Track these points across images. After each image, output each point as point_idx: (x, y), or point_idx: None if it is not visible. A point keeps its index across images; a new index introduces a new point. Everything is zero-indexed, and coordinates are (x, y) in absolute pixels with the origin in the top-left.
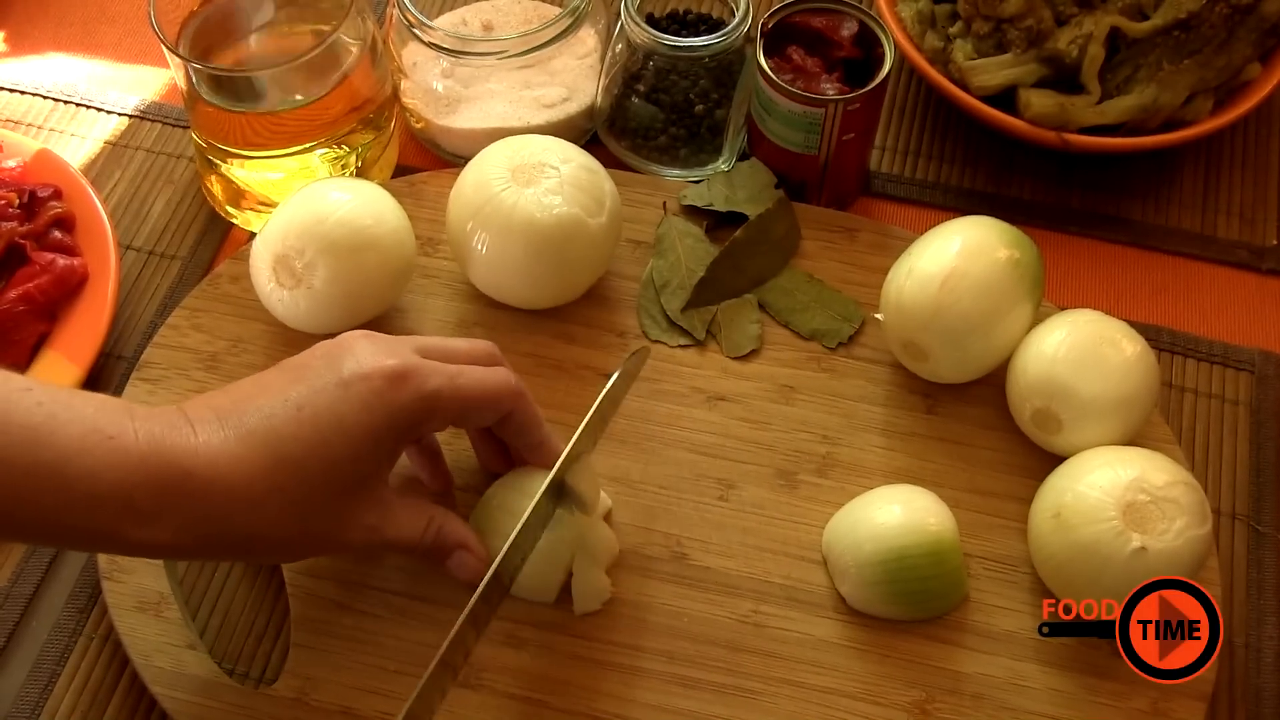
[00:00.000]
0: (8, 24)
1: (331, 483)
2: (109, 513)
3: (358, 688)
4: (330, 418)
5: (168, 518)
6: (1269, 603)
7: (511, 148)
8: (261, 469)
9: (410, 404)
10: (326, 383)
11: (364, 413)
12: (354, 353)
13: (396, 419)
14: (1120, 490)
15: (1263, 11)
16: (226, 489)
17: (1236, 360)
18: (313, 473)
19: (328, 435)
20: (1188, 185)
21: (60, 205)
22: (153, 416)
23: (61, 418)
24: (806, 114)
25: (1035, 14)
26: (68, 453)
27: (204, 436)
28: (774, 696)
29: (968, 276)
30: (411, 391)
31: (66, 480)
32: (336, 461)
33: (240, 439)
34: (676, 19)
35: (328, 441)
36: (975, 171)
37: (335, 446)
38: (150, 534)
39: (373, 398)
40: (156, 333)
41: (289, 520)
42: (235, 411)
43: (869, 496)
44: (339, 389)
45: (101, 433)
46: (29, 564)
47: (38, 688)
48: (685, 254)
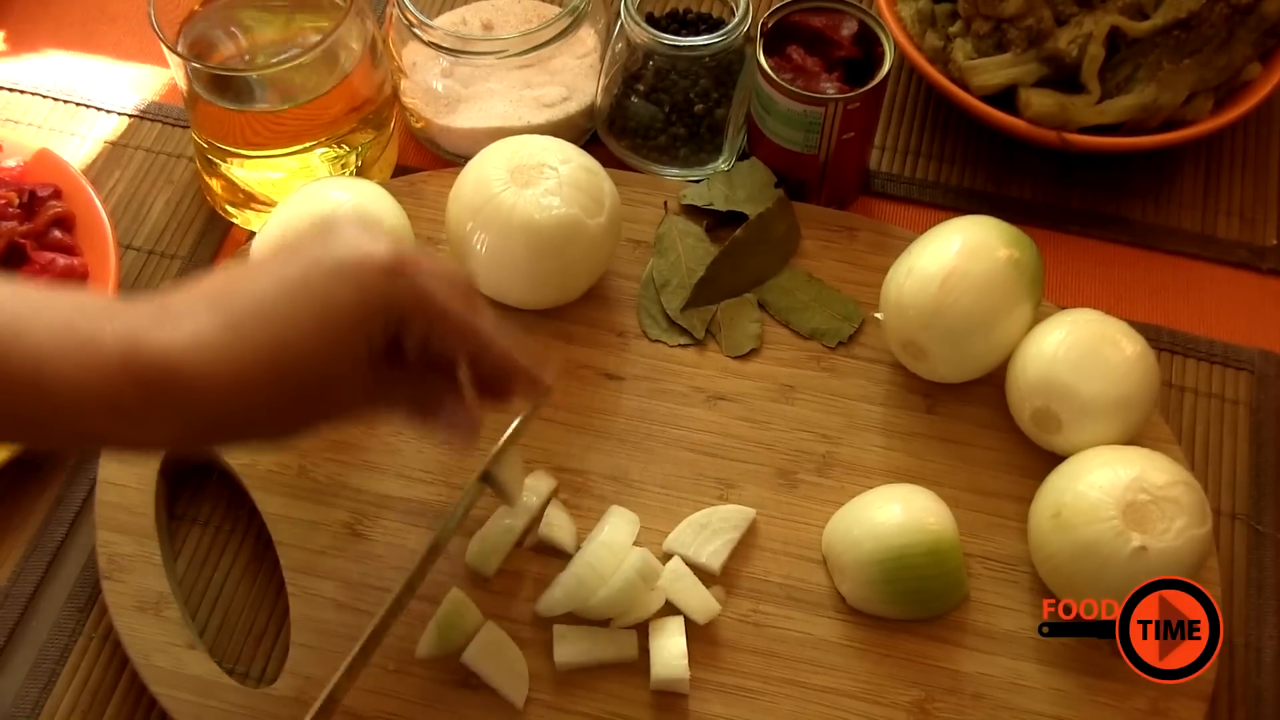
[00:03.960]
0: (8, 24)
1: (328, 364)
2: (95, 416)
3: (357, 688)
4: (324, 299)
5: (158, 417)
6: (1269, 603)
7: (511, 148)
8: (254, 357)
9: (403, 293)
10: (320, 264)
11: (358, 293)
12: (345, 235)
13: (390, 305)
14: (1120, 490)
15: (1263, 11)
16: (218, 383)
17: (1236, 360)
18: (308, 356)
19: (321, 317)
20: (1188, 185)
21: (60, 205)
22: (132, 312)
23: (29, 321)
24: (806, 113)
25: (1035, 14)
26: (39, 357)
27: (190, 328)
28: (774, 696)
29: (968, 276)
30: (406, 283)
31: (43, 386)
32: (332, 343)
33: (231, 326)
34: (676, 18)
35: (322, 323)
36: (975, 171)
37: (330, 329)
38: (143, 433)
39: (368, 280)
40: None
41: (287, 406)
42: (225, 295)
43: (868, 496)
44: (334, 272)
45: (77, 334)
46: (29, 564)
47: (38, 687)
48: (685, 253)
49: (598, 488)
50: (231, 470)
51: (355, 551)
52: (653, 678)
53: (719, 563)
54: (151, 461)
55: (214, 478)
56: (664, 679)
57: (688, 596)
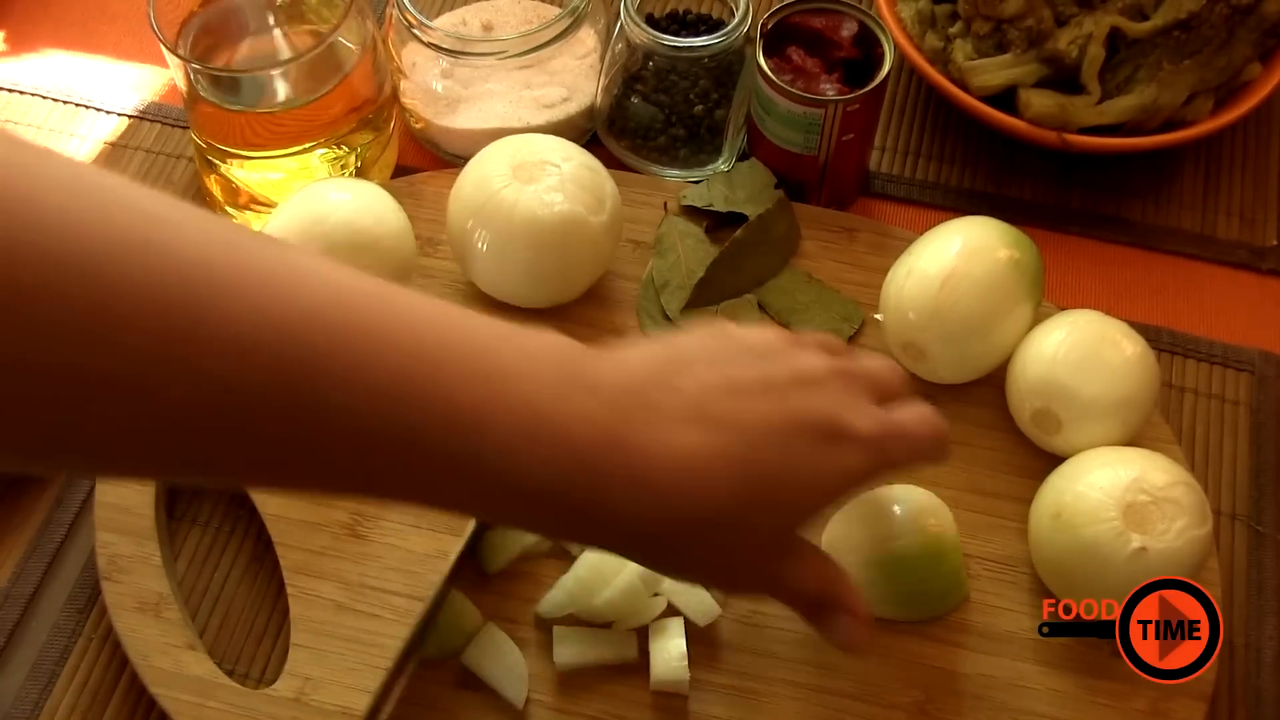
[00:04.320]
0: (8, 24)
1: (783, 524)
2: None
3: (358, 688)
4: (807, 465)
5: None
6: (1269, 603)
7: (513, 146)
8: (730, 490)
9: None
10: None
11: (836, 470)
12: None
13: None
14: (1120, 490)
15: (1263, 11)
16: (688, 503)
17: (1236, 360)
18: (773, 511)
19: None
20: (1188, 185)
21: None
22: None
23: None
24: (806, 114)
25: (1035, 14)
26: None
27: (673, 438)
28: (774, 697)
29: (968, 277)
30: (883, 460)
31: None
32: (795, 509)
33: (715, 451)
34: (676, 19)
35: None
36: (975, 171)
37: (801, 494)
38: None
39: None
40: None
41: (729, 551)
42: (714, 413)
43: (868, 496)
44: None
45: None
46: (29, 564)
47: (37, 688)
48: (685, 254)
49: None
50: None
51: (355, 552)
52: (653, 679)
53: None
54: None
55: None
56: (664, 680)
57: (688, 598)
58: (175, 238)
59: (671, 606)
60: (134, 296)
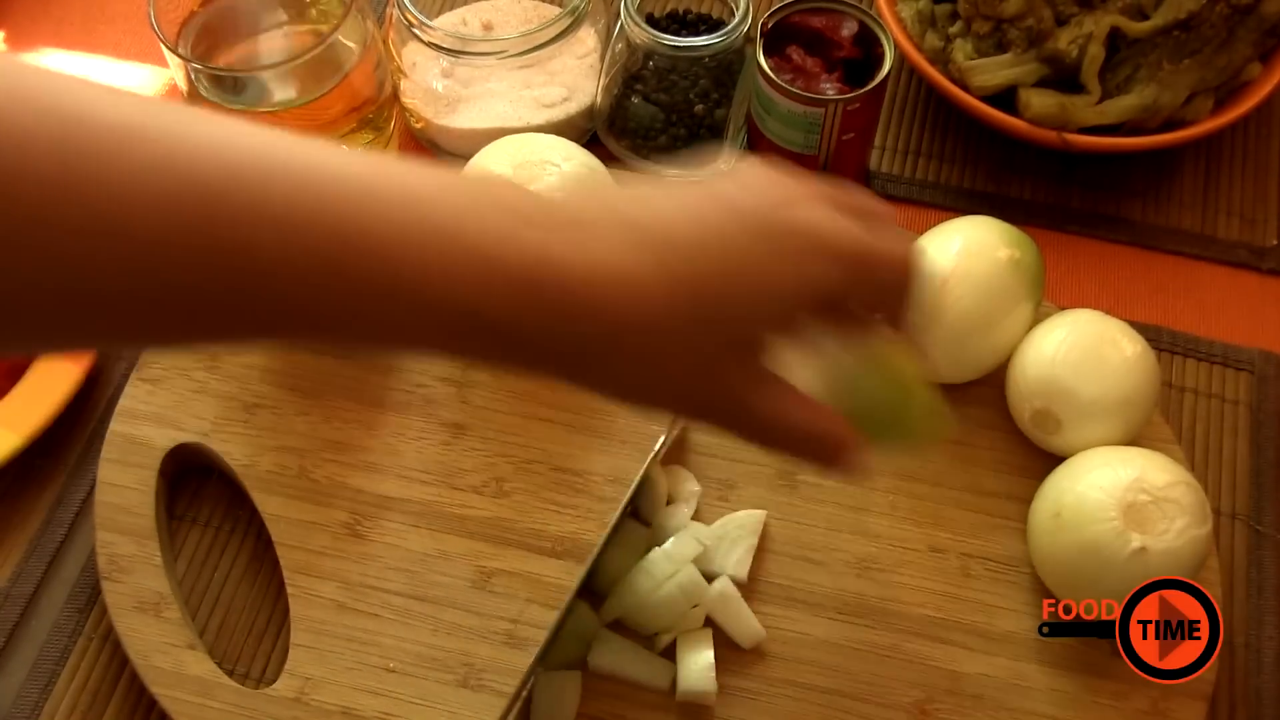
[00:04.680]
0: (8, 24)
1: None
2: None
3: (358, 688)
4: (760, 272)
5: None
6: (1269, 603)
7: (514, 146)
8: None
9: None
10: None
11: (798, 280)
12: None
13: (830, 298)
14: (1120, 490)
15: (1263, 11)
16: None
17: (1236, 360)
18: (719, 323)
19: (754, 288)
20: (1188, 185)
21: None
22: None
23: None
24: (806, 114)
25: (1035, 14)
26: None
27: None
28: (774, 696)
29: (968, 276)
30: (857, 280)
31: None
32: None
33: (656, 263)
34: (676, 19)
35: (752, 292)
36: (975, 171)
37: (755, 302)
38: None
39: (820, 274)
40: None
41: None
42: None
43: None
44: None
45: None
46: (29, 564)
47: (37, 688)
48: None
49: (598, 488)
50: (231, 471)
51: (355, 552)
52: (680, 689)
53: (745, 571)
54: (151, 462)
55: (214, 478)
56: (692, 691)
57: (735, 621)
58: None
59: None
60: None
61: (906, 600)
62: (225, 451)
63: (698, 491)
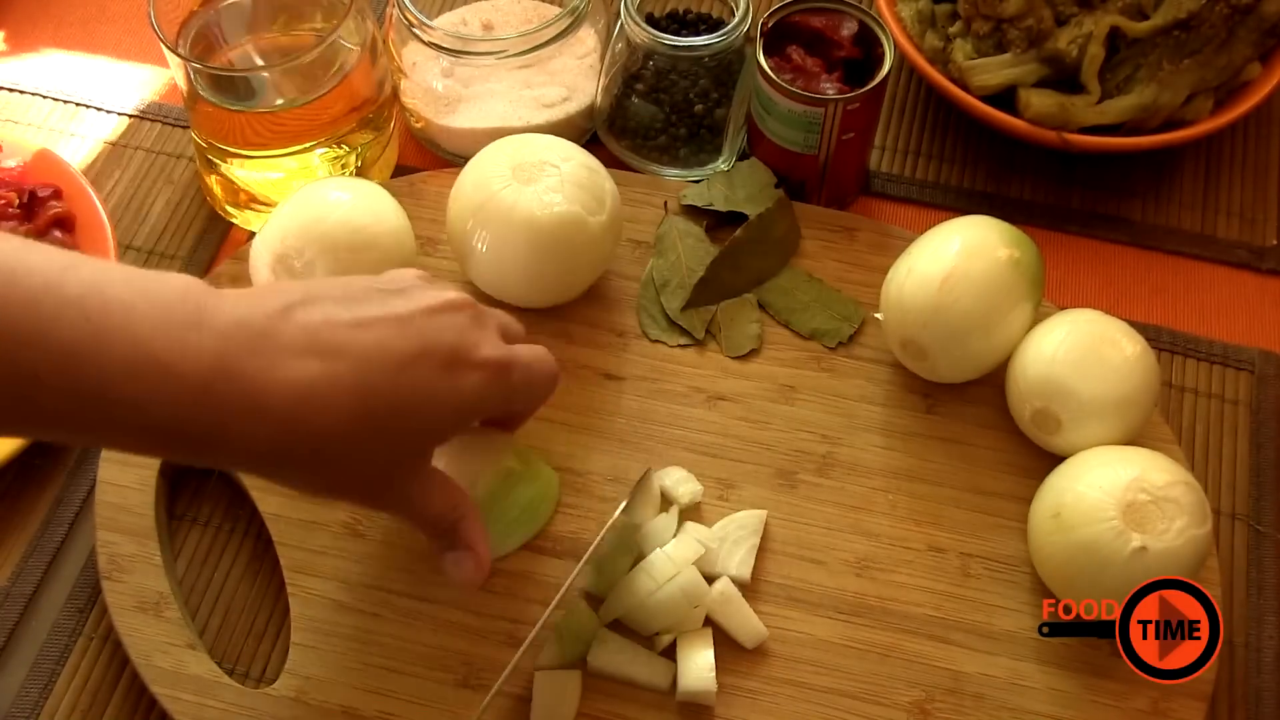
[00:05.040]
0: (8, 24)
1: (405, 449)
2: (157, 441)
3: (358, 688)
4: (427, 390)
5: (224, 449)
6: (1269, 603)
7: (512, 146)
8: (346, 418)
9: (499, 395)
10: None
11: (458, 395)
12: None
13: (484, 407)
14: (1120, 490)
15: (1263, 11)
16: (303, 431)
17: (1236, 360)
18: (393, 436)
19: (421, 405)
20: (1188, 185)
21: (60, 205)
22: (227, 332)
23: (108, 336)
24: (806, 113)
25: (1035, 14)
26: (112, 378)
27: (288, 369)
28: (774, 696)
29: (968, 276)
30: (503, 386)
31: (109, 408)
32: (417, 432)
33: (330, 380)
34: (676, 19)
35: (419, 411)
36: (975, 171)
37: (423, 418)
38: (195, 456)
39: (474, 386)
40: None
41: (351, 475)
42: (331, 343)
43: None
44: (443, 368)
45: (154, 358)
46: (29, 564)
47: (38, 688)
48: (685, 254)
49: (598, 488)
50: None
51: (355, 551)
52: (680, 689)
53: (748, 571)
54: (152, 462)
55: (214, 478)
56: (692, 691)
57: (737, 622)
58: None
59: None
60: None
61: (907, 600)
62: None
63: (698, 491)
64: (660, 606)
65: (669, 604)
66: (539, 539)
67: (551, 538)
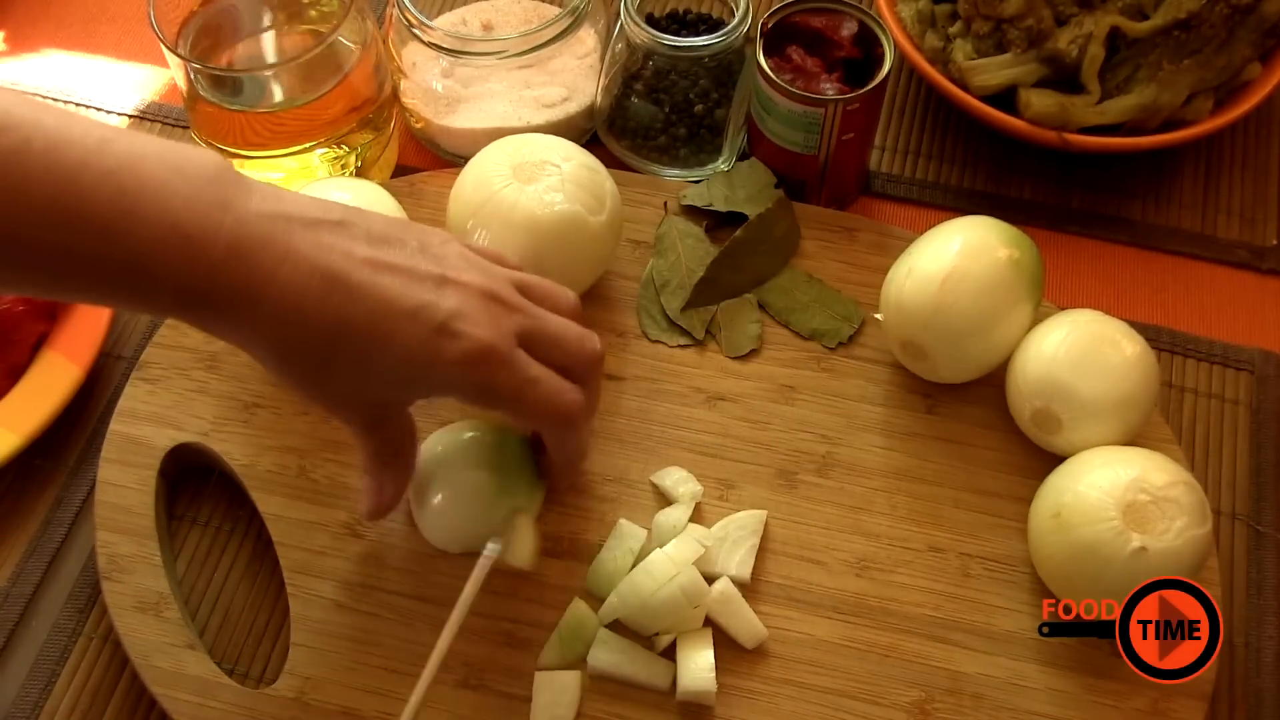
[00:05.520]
0: (8, 24)
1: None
2: (168, 308)
3: (358, 688)
4: (405, 345)
5: (225, 325)
6: (1269, 603)
7: (513, 145)
8: (324, 341)
9: (479, 382)
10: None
11: (435, 361)
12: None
13: (462, 385)
14: (1120, 490)
15: (1263, 11)
16: (286, 333)
17: (1236, 360)
18: (361, 373)
19: (397, 358)
20: (1188, 185)
21: None
22: (250, 220)
23: (141, 210)
24: (806, 114)
25: (1035, 14)
26: (140, 252)
27: (290, 270)
28: (774, 696)
29: (968, 276)
30: (484, 374)
31: (133, 276)
32: (386, 379)
33: (321, 297)
34: (676, 19)
35: (392, 362)
36: (975, 171)
37: (394, 369)
38: (203, 326)
39: (454, 359)
40: (156, 332)
41: (307, 383)
42: (338, 270)
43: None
44: (432, 333)
45: (182, 232)
46: (29, 564)
47: (38, 688)
48: (685, 254)
49: (598, 488)
50: (231, 470)
51: (355, 551)
52: (680, 689)
53: (748, 571)
54: (152, 462)
55: (214, 478)
56: (691, 691)
57: (737, 622)
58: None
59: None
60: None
61: (906, 600)
62: (225, 451)
63: (698, 491)
64: (660, 606)
65: (669, 604)
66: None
67: (551, 538)
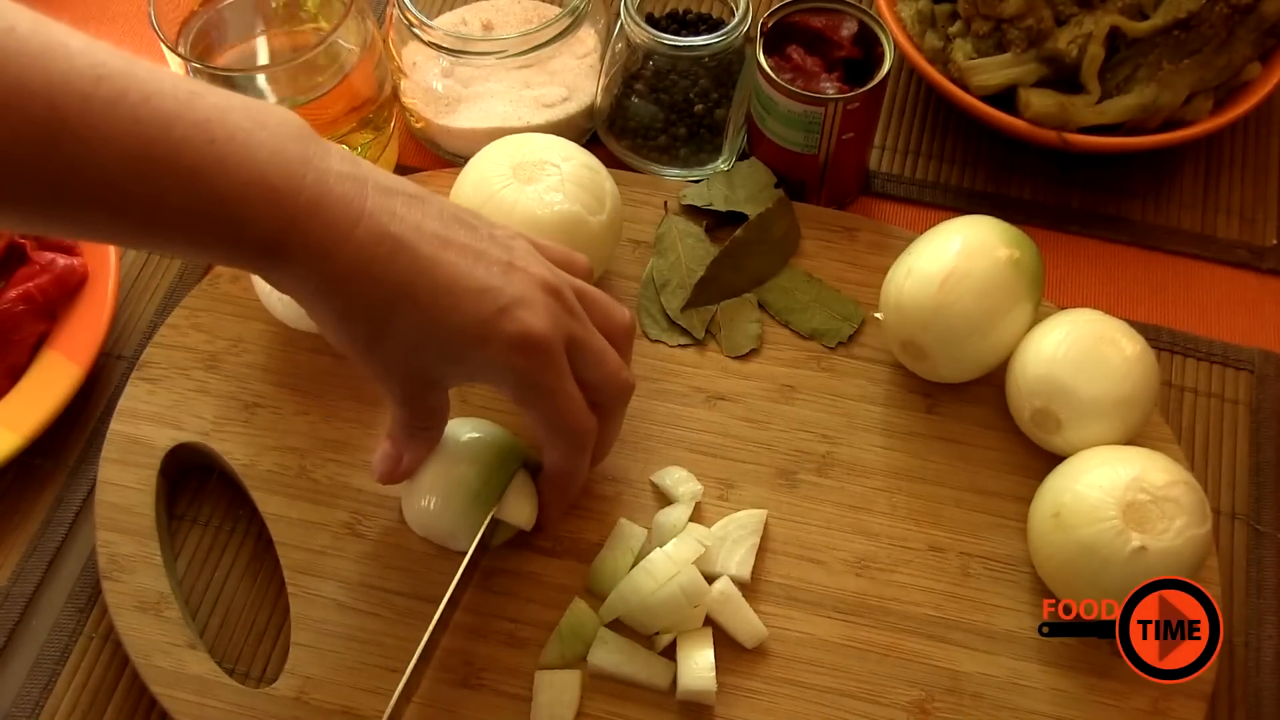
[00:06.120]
0: None
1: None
2: (248, 255)
3: (358, 687)
4: (460, 322)
5: (289, 280)
6: (1269, 602)
7: (513, 145)
8: (381, 311)
9: (522, 368)
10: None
11: (485, 340)
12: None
13: (500, 372)
14: (1120, 490)
15: (1263, 11)
16: (348, 294)
17: (1236, 360)
18: (408, 337)
19: (450, 334)
20: (1188, 185)
21: None
22: (328, 179)
23: (230, 161)
24: (806, 113)
25: (1035, 13)
26: (227, 199)
27: (364, 232)
28: (774, 696)
29: (968, 276)
30: (531, 363)
31: (216, 225)
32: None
33: (388, 261)
34: (676, 18)
35: (445, 338)
36: (975, 171)
37: (441, 348)
38: (272, 279)
39: (505, 340)
40: (156, 332)
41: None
42: (407, 242)
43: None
44: (494, 314)
45: (268, 183)
46: (29, 564)
47: (38, 687)
48: (685, 253)
49: (598, 488)
50: (232, 470)
51: (355, 551)
52: (680, 688)
53: (748, 571)
54: (152, 462)
55: (214, 478)
56: (691, 690)
57: (737, 621)
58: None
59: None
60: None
61: (906, 599)
62: (225, 451)
63: (698, 491)
64: (660, 606)
65: (669, 604)
66: (539, 539)
67: (552, 537)
